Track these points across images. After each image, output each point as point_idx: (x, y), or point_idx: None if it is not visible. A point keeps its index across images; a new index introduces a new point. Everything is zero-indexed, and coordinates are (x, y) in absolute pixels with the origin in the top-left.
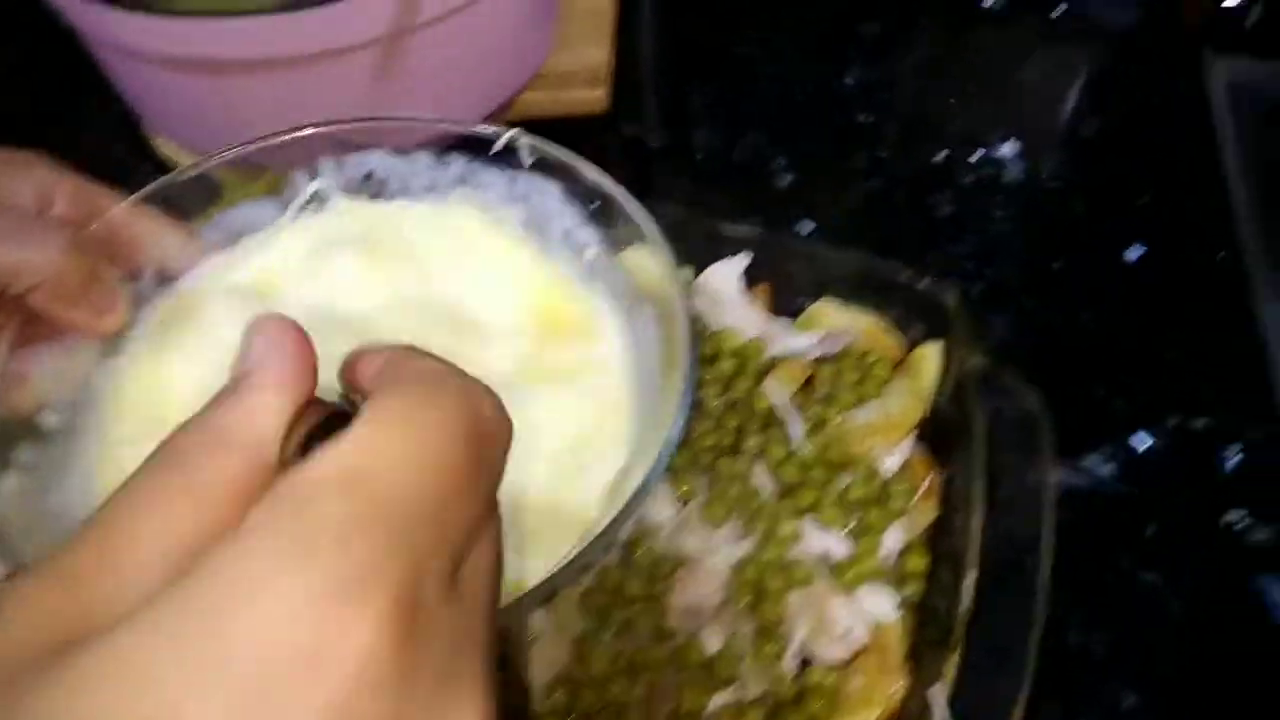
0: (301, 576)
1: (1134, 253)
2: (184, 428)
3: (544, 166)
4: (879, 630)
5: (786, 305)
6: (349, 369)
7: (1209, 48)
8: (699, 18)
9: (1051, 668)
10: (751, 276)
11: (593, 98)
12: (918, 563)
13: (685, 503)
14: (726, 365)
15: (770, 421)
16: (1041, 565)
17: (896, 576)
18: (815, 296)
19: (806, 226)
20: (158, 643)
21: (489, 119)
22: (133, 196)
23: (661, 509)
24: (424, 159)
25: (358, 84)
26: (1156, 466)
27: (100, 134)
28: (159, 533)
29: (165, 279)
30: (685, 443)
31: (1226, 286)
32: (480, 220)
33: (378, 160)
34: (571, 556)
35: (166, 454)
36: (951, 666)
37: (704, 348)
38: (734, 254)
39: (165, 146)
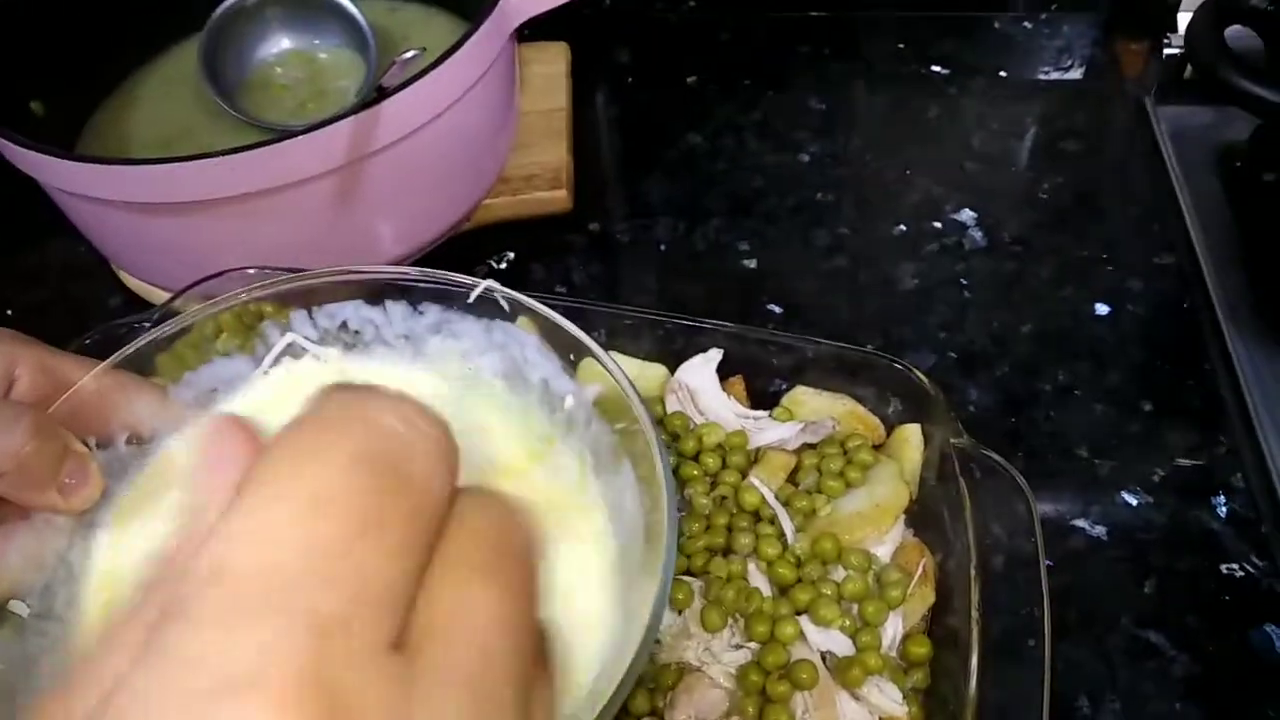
0: (180, 701)
1: (1102, 309)
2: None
3: (519, 316)
4: None
5: (761, 395)
6: None
7: (1151, 98)
8: (650, 110)
9: None
10: (724, 369)
11: (555, 198)
12: (920, 650)
13: (680, 611)
14: (710, 461)
15: (760, 517)
16: (1045, 640)
17: (900, 666)
18: (789, 383)
19: (774, 310)
20: None
21: (454, 228)
22: (100, 366)
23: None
24: (398, 309)
25: (321, 210)
26: (1147, 522)
27: (67, 270)
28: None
29: (140, 443)
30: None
31: (1197, 333)
32: (460, 379)
33: (351, 310)
34: None
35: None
36: None
37: (686, 443)
38: (705, 348)
39: (132, 280)
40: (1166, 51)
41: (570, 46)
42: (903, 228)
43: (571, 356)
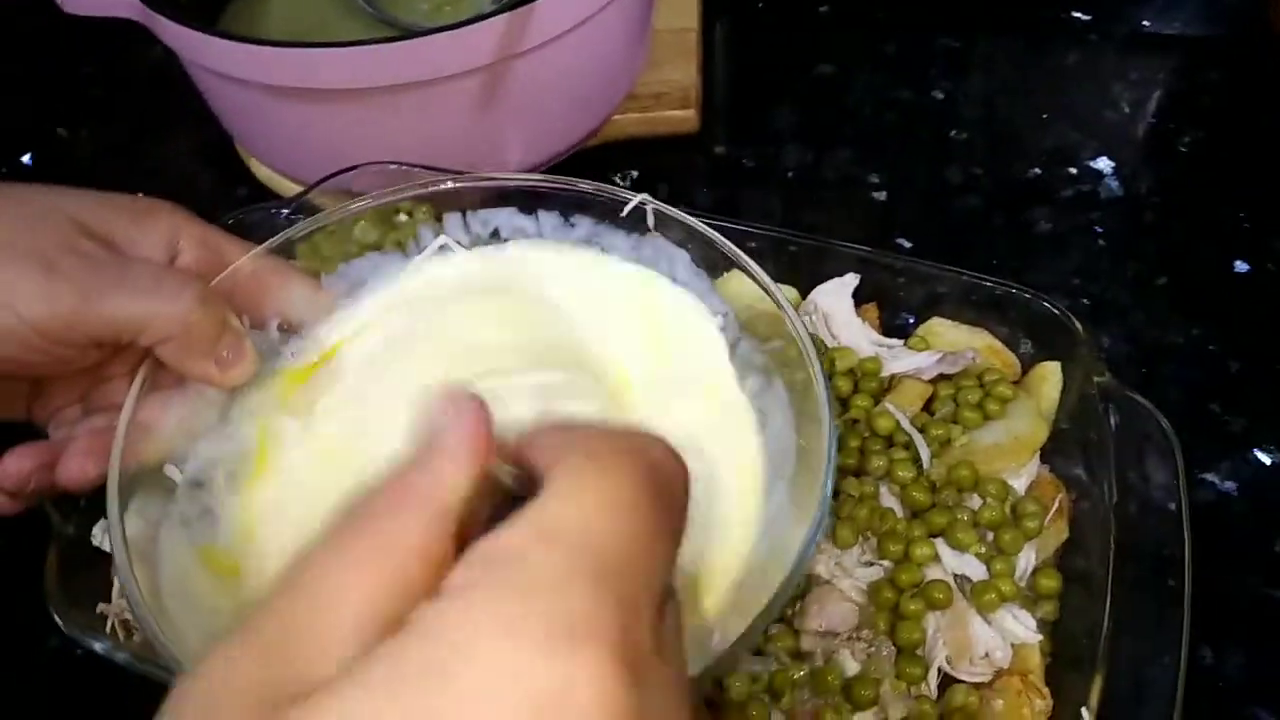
0: (522, 631)
1: (1241, 266)
2: (375, 491)
3: (671, 232)
4: (1019, 652)
5: (888, 326)
6: (523, 448)
7: None
8: (779, 36)
9: (1186, 689)
10: (856, 296)
11: (683, 118)
12: (1050, 583)
13: None
14: (842, 384)
15: (893, 442)
16: (1186, 585)
17: (1030, 598)
18: (918, 316)
19: (904, 244)
20: (378, 703)
21: (581, 142)
22: (259, 247)
23: None
24: (550, 220)
25: (456, 111)
26: (1279, 481)
27: (196, 155)
28: (354, 598)
29: (291, 330)
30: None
31: None
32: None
33: (505, 218)
34: (749, 625)
35: (357, 518)
36: (1095, 689)
37: None
38: (835, 273)
39: (261, 169)
40: None
41: None
42: (1037, 171)
43: (722, 273)
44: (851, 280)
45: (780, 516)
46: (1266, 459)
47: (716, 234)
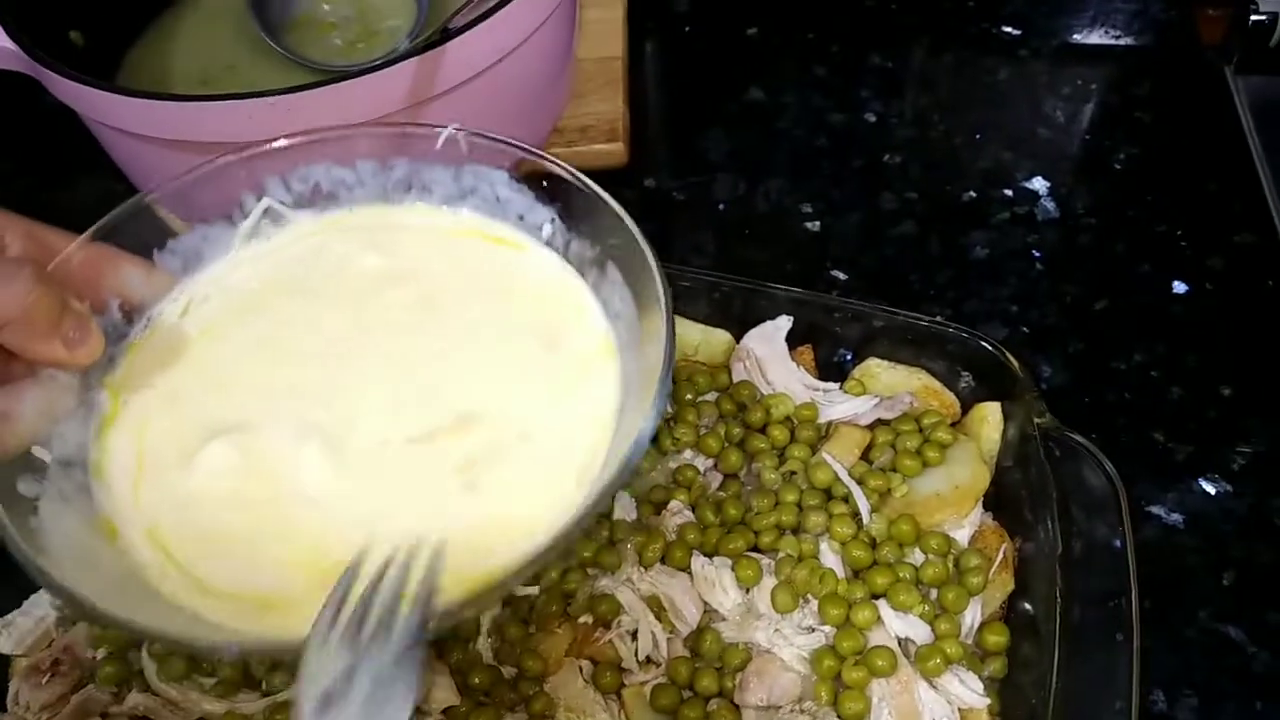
0: None
1: (1180, 287)
2: None
3: (486, 155)
4: (967, 716)
5: (824, 366)
6: None
7: (1231, 68)
8: (709, 61)
9: None
10: (790, 337)
11: (611, 151)
12: (998, 638)
13: (748, 589)
14: (778, 433)
15: (832, 495)
16: (1134, 632)
17: (976, 655)
18: (856, 355)
19: (838, 276)
20: None
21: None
22: (85, 233)
23: (724, 596)
24: (368, 167)
25: None
26: (1226, 511)
27: (102, 208)
28: None
29: (133, 311)
30: (743, 523)
31: (1277, 314)
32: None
33: (322, 172)
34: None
35: None
36: None
37: (753, 415)
38: (769, 314)
39: (177, 222)
40: (1252, 18)
41: None
42: (972, 194)
43: (543, 183)
44: (784, 323)
45: (633, 379)
46: (1211, 488)
47: (523, 144)
